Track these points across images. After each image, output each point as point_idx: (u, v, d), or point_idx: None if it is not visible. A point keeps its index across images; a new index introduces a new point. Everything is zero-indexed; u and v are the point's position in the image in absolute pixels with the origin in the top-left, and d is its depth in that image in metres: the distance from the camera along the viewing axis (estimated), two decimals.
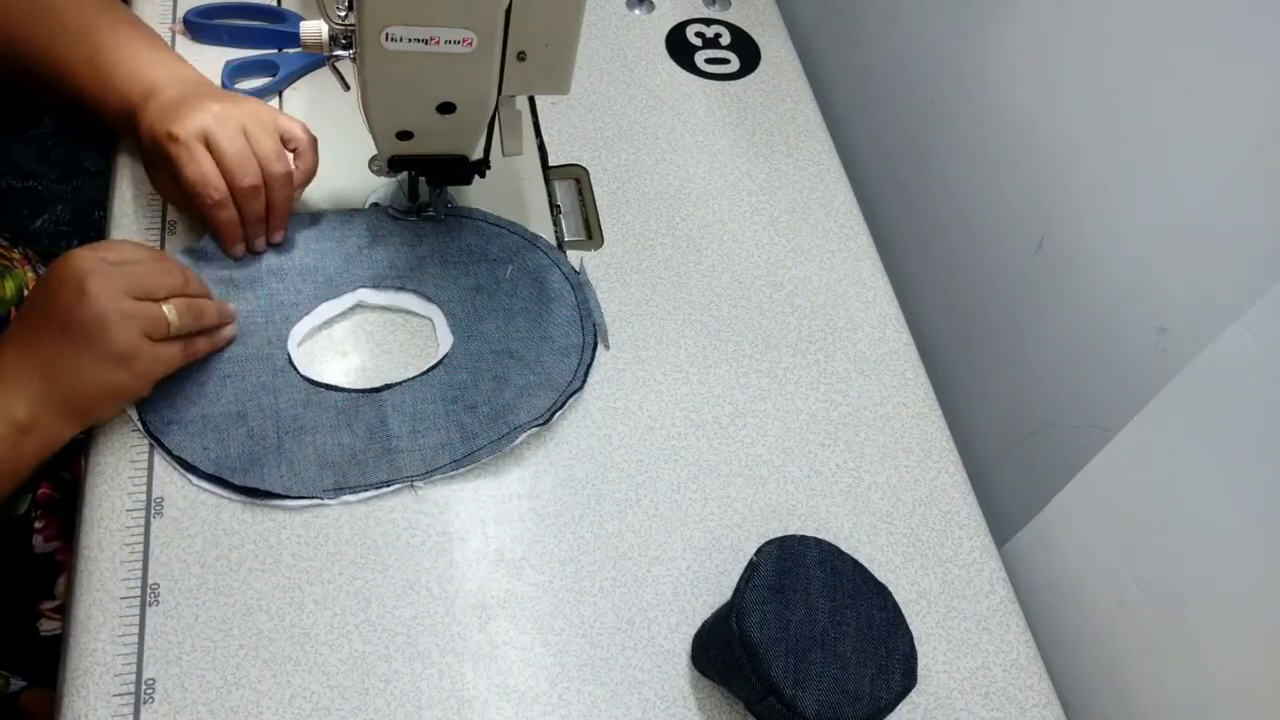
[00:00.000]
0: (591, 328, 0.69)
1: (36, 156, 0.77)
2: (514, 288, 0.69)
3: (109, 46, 0.65)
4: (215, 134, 0.62)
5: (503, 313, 0.68)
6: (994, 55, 0.73)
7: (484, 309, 0.68)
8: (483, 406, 0.63)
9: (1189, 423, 0.54)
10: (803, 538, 0.55)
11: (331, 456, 0.60)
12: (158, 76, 0.65)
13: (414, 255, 0.70)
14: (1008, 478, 0.74)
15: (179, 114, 0.62)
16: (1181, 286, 0.58)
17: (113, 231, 0.67)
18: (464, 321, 0.67)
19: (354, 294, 0.67)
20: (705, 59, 0.89)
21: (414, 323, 0.68)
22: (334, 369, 0.64)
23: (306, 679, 0.54)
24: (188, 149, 0.61)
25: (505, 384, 0.64)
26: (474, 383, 0.64)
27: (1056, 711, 0.60)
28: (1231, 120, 0.54)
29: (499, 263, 0.70)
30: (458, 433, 0.62)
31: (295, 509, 0.59)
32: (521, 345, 0.67)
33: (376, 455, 0.61)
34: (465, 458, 0.61)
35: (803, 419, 0.69)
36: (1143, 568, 0.58)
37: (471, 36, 0.56)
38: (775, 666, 0.50)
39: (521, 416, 0.63)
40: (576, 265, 0.72)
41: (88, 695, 0.51)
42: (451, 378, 0.65)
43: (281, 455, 0.59)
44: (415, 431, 0.62)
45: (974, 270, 0.78)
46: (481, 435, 0.62)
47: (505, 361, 0.66)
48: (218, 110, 0.63)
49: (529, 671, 0.56)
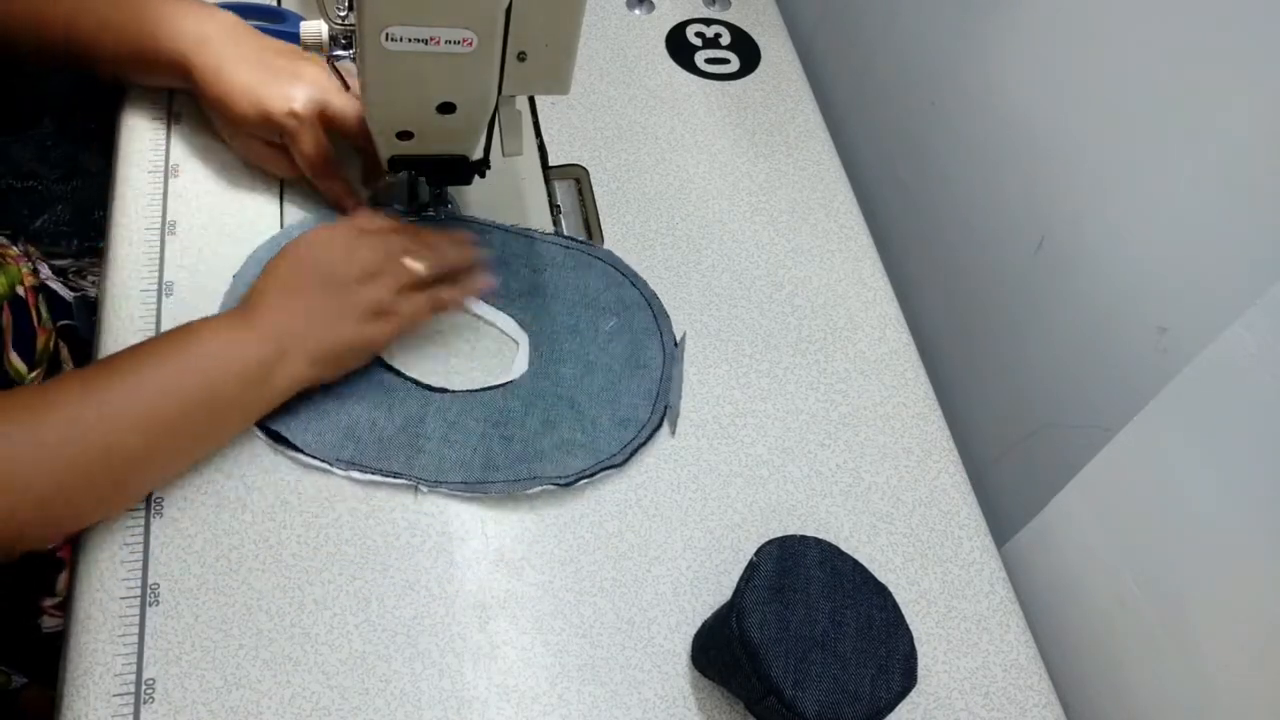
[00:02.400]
0: (663, 409, 0.66)
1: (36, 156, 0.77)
2: (607, 342, 0.68)
3: (144, 3, 0.67)
4: (330, 107, 0.66)
5: (585, 363, 0.67)
6: (994, 55, 0.73)
7: (568, 353, 0.67)
8: (517, 443, 0.62)
9: (1189, 423, 0.54)
10: (803, 538, 0.55)
11: (360, 431, 0.61)
12: (205, 24, 0.67)
13: (532, 280, 0.69)
14: (1008, 478, 0.74)
15: (282, 87, 0.65)
16: (1181, 286, 0.58)
17: (113, 231, 0.67)
18: (544, 358, 0.66)
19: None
20: (705, 59, 0.89)
21: (500, 341, 0.68)
22: (404, 354, 0.65)
23: (306, 679, 0.54)
24: (307, 127, 0.65)
25: (550, 430, 0.63)
26: (522, 416, 0.63)
27: (1056, 711, 0.60)
28: (1231, 120, 0.54)
29: (606, 313, 0.69)
30: (481, 458, 0.61)
31: (307, 468, 0.60)
32: (587, 400, 0.65)
33: (400, 446, 0.61)
34: (476, 484, 0.61)
35: (803, 419, 0.69)
36: (1143, 568, 0.58)
37: (471, 36, 0.56)
38: (775, 666, 0.50)
39: (548, 469, 0.61)
40: (678, 335, 0.70)
41: (88, 695, 0.51)
42: (505, 403, 0.64)
43: (315, 412, 0.61)
44: (446, 439, 0.62)
45: (974, 270, 0.78)
46: (502, 470, 0.61)
47: (562, 409, 0.64)
48: (305, 73, 0.66)
49: (529, 671, 0.56)
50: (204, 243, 0.68)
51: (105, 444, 0.52)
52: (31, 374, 0.65)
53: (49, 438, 0.51)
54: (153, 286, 0.65)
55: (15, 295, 0.66)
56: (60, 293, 0.72)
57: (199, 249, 0.67)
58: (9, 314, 0.64)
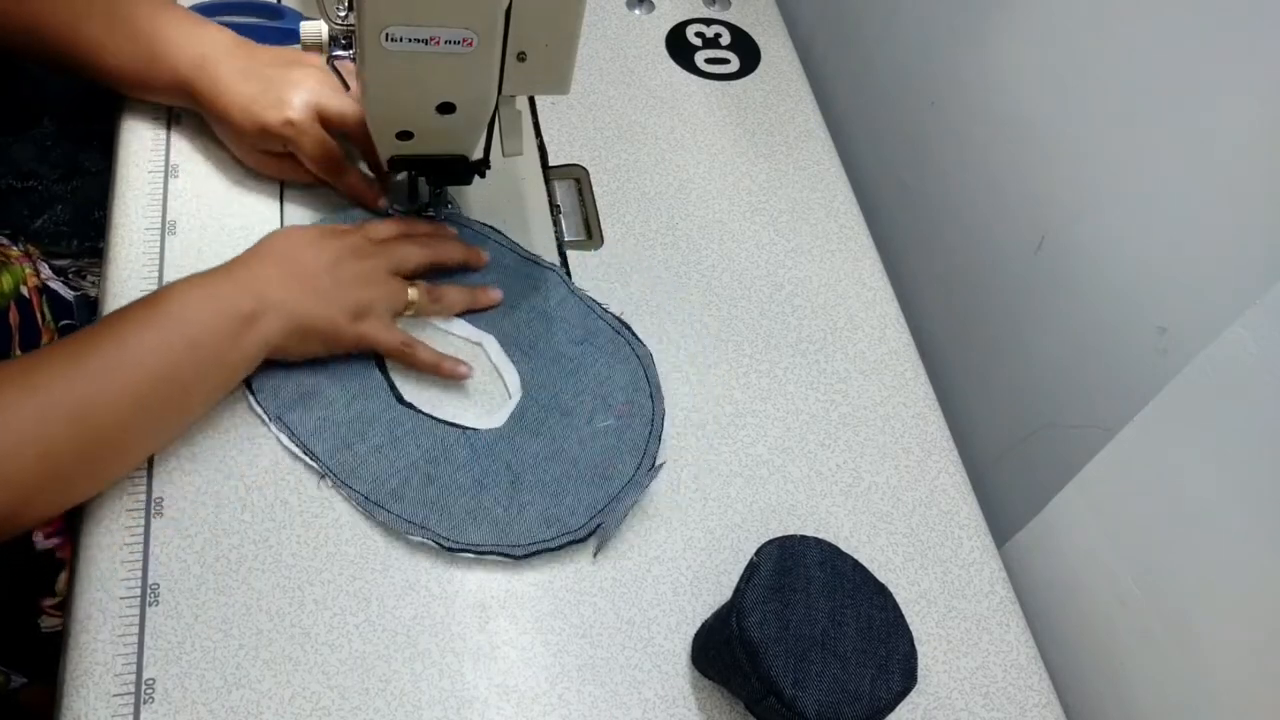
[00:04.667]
0: (594, 527, 0.60)
1: (36, 156, 0.77)
2: (591, 438, 0.64)
3: (147, 20, 0.67)
4: (325, 108, 0.66)
5: (555, 448, 0.63)
6: (994, 55, 0.73)
7: (547, 429, 0.64)
8: (435, 488, 0.60)
9: (1189, 423, 0.54)
10: (803, 538, 0.55)
11: (314, 402, 0.61)
12: (204, 45, 0.67)
13: (569, 350, 0.67)
14: (1008, 478, 0.74)
15: (280, 98, 0.65)
16: (1181, 286, 0.58)
17: (113, 231, 0.67)
18: (522, 422, 0.63)
19: (482, 335, 0.67)
20: (705, 59, 0.89)
21: (497, 389, 0.66)
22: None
23: (306, 679, 0.54)
24: (308, 133, 0.66)
25: (476, 492, 0.60)
26: (459, 466, 0.61)
27: (1056, 711, 0.60)
28: (1231, 120, 0.54)
29: (610, 411, 0.65)
30: (395, 482, 0.59)
31: (294, 459, 0.60)
32: (531, 483, 0.61)
33: (337, 434, 0.60)
34: (372, 504, 0.59)
35: (803, 419, 0.69)
36: (1143, 568, 0.58)
37: (471, 36, 0.56)
38: (775, 666, 0.50)
39: (442, 525, 0.59)
40: (661, 459, 0.64)
41: (88, 695, 0.51)
42: (453, 446, 0.62)
43: (285, 367, 0.61)
44: (378, 450, 0.60)
45: (974, 270, 0.78)
46: (403, 504, 0.59)
47: (502, 479, 0.61)
48: (313, 85, 0.66)
49: (529, 671, 0.56)
50: (204, 243, 0.68)
51: (95, 409, 0.52)
52: None
53: (38, 408, 0.51)
54: (153, 286, 0.65)
55: (20, 295, 0.66)
56: (61, 293, 0.72)
57: (199, 249, 0.67)
58: (17, 313, 0.64)
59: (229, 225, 0.69)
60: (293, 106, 0.65)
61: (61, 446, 0.52)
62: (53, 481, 0.52)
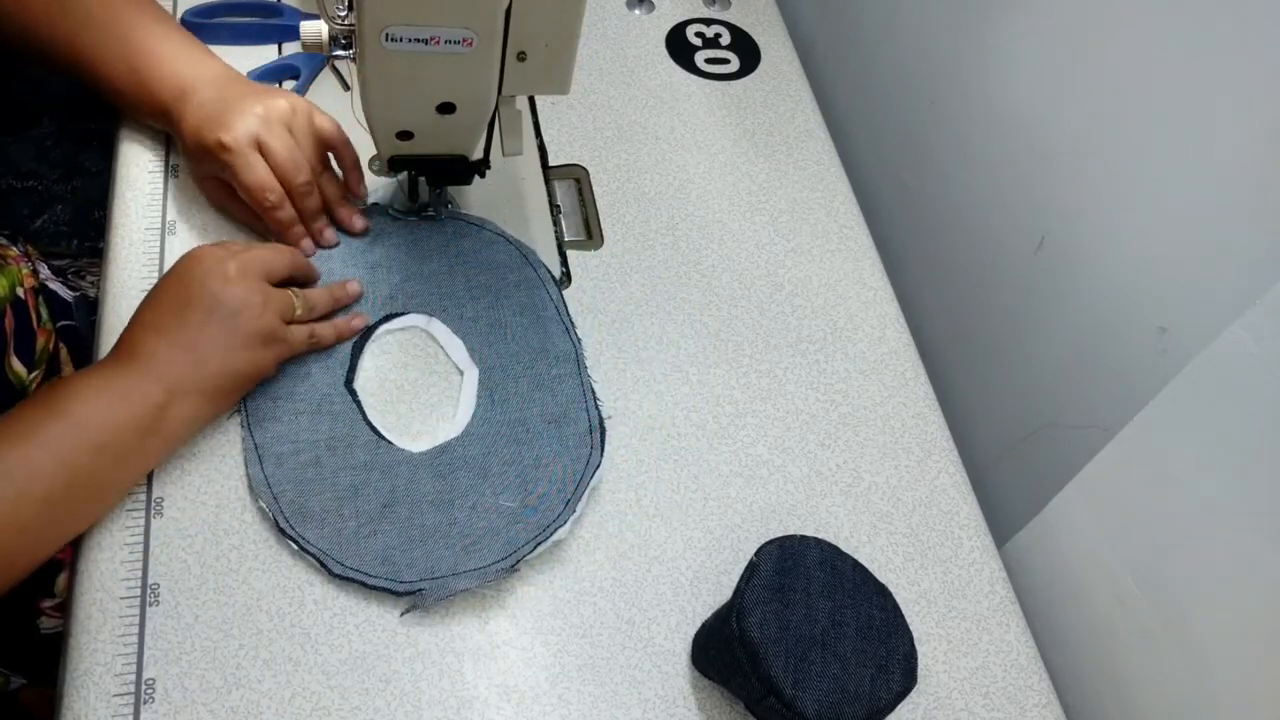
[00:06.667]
0: (450, 591, 0.57)
1: (36, 156, 0.77)
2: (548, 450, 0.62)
3: (141, 42, 0.66)
4: (265, 137, 0.64)
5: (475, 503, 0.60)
6: (994, 55, 0.73)
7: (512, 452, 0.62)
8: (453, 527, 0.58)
9: (1189, 423, 0.54)
10: (803, 538, 0.55)
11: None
12: (191, 75, 0.66)
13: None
14: (1008, 478, 0.74)
15: (224, 120, 0.64)
16: (1181, 286, 0.58)
17: (113, 231, 0.67)
18: (446, 456, 0.61)
19: (470, 366, 0.66)
20: (705, 59, 0.89)
21: (452, 403, 0.65)
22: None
23: (306, 679, 0.54)
24: (242, 156, 0.63)
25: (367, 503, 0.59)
26: (385, 482, 0.59)
27: (1056, 711, 0.60)
28: (1231, 120, 0.54)
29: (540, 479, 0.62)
30: (298, 475, 0.59)
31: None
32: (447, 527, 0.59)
33: (280, 408, 0.61)
34: (261, 485, 0.58)
35: (803, 419, 0.69)
36: (1143, 568, 0.58)
37: (471, 36, 0.56)
38: (775, 666, 0.50)
39: (314, 537, 0.57)
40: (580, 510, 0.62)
41: (88, 695, 0.51)
42: (378, 453, 0.61)
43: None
44: (281, 435, 0.60)
45: (974, 270, 0.78)
46: (305, 507, 0.58)
47: (430, 512, 0.59)
48: (261, 112, 0.64)
49: (529, 671, 0.56)
50: (204, 243, 0.68)
51: (3, 521, 0.50)
52: (31, 375, 0.65)
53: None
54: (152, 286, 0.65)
55: (16, 298, 0.66)
56: (60, 293, 0.71)
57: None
58: (12, 318, 0.64)
59: (229, 225, 0.69)
60: (230, 130, 0.63)
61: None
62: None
